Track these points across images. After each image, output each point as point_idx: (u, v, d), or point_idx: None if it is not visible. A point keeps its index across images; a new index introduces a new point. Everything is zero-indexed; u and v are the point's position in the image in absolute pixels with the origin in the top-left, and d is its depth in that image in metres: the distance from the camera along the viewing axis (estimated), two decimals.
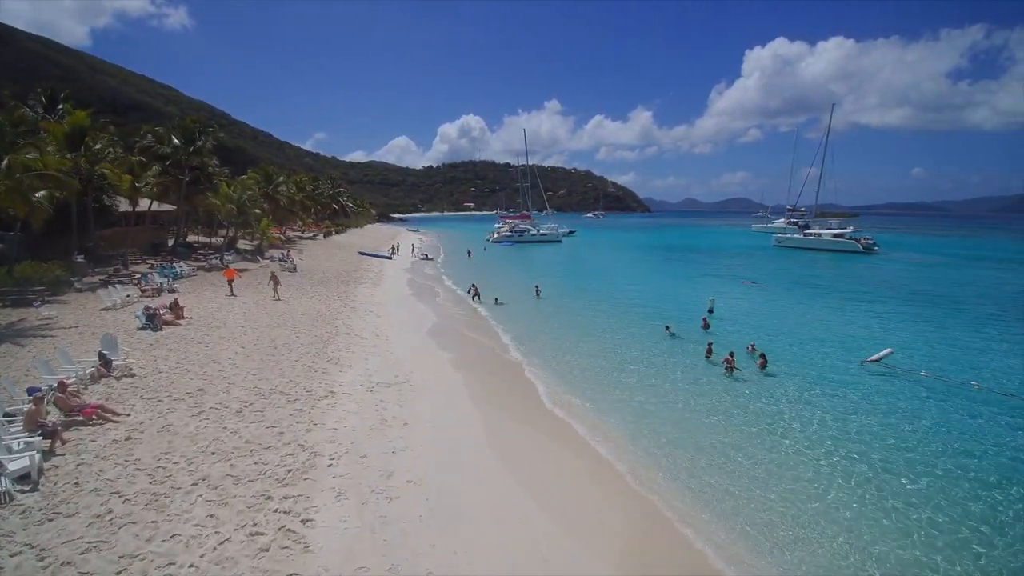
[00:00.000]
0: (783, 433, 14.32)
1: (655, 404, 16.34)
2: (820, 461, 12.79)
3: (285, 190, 58.45)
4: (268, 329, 20.85)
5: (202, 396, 13.65)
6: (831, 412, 15.84)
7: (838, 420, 15.28)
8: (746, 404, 16.41)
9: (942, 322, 28.51)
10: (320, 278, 36.97)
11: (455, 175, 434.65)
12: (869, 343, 23.82)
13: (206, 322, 21.34)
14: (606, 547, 9.15)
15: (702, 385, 18.14)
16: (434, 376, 17.65)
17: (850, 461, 12.79)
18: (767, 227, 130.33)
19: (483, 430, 13.62)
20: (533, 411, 15.53)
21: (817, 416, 15.46)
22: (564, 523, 9.63)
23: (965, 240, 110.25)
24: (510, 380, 18.33)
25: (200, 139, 40.84)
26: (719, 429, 14.57)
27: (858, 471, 12.26)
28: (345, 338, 20.86)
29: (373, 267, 47.63)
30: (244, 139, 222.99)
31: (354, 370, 16.96)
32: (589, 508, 10.38)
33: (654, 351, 22.18)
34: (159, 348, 17.51)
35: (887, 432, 14.49)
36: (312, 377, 15.74)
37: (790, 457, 12.99)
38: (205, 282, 30.53)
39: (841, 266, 58.53)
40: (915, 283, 43.62)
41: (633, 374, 19.18)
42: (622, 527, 9.83)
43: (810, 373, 19.64)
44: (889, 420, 15.35)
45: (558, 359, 21.01)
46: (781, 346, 23.15)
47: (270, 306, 25.47)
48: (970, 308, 32.48)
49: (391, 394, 15.27)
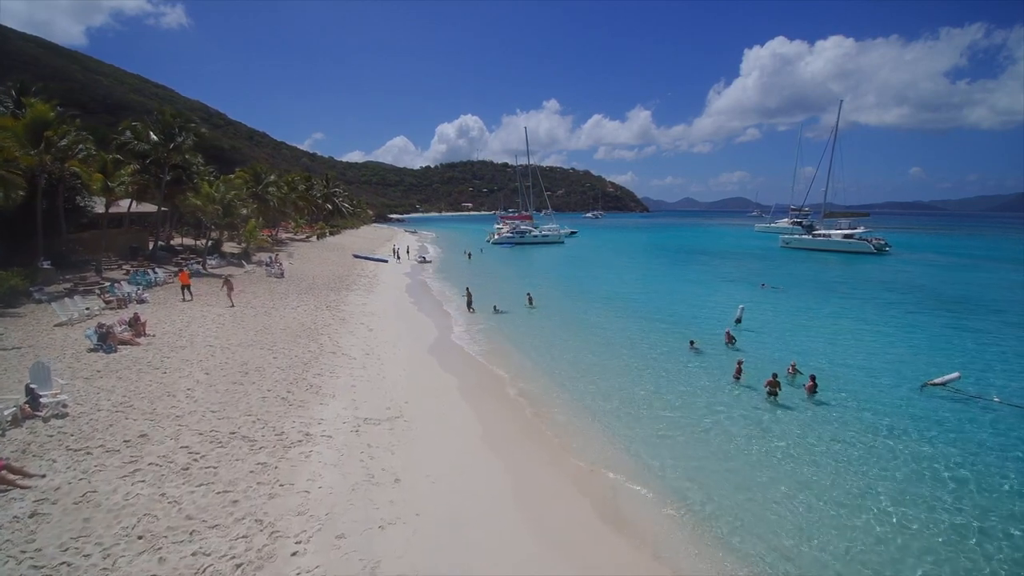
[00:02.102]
0: (862, 490, 11.65)
1: (702, 452, 13.64)
2: (917, 515, 10.20)
3: (275, 190, 55.61)
4: (240, 348, 18.12)
5: (143, 445, 10.95)
6: (907, 449, 13.29)
7: (919, 459, 12.72)
8: (803, 443, 13.75)
9: (993, 334, 25.88)
10: (308, 285, 34.24)
11: (453, 175, 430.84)
12: (921, 361, 21.32)
13: (170, 340, 18.61)
14: None
15: (746, 418, 15.46)
16: (436, 407, 15.00)
17: (948, 512, 10.25)
18: (770, 227, 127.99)
19: (506, 487, 10.96)
20: (563, 459, 12.86)
21: (895, 456, 12.87)
22: None
23: (973, 240, 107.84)
24: (529, 415, 15.64)
25: (181, 135, 38.01)
26: (782, 479, 11.93)
27: (956, 526, 9.67)
28: (330, 358, 18.18)
29: (368, 271, 44.92)
30: (240, 139, 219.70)
31: (337, 401, 14.28)
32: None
33: (682, 374, 19.46)
34: (107, 376, 14.79)
35: (981, 477, 11.91)
36: (285, 413, 13.05)
37: (882, 520, 10.36)
38: (211, 294, 27.78)
39: (857, 268, 55.99)
40: (943, 287, 41.00)
41: (665, 405, 16.49)
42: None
43: (866, 399, 17.01)
44: (979, 461, 12.77)
45: (577, 385, 18.31)
46: (823, 365, 20.49)
47: (248, 319, 22.75)
48: (1014, 316, 29.90)
49: (381, 435, 12.60)
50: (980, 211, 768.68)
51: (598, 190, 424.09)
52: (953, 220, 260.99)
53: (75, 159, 30.77)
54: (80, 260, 33.78)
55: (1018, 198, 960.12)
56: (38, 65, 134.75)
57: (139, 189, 38.57)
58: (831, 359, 21.54)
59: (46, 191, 30.95)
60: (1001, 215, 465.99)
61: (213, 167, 47.17)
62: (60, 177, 30.98)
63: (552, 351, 22.27)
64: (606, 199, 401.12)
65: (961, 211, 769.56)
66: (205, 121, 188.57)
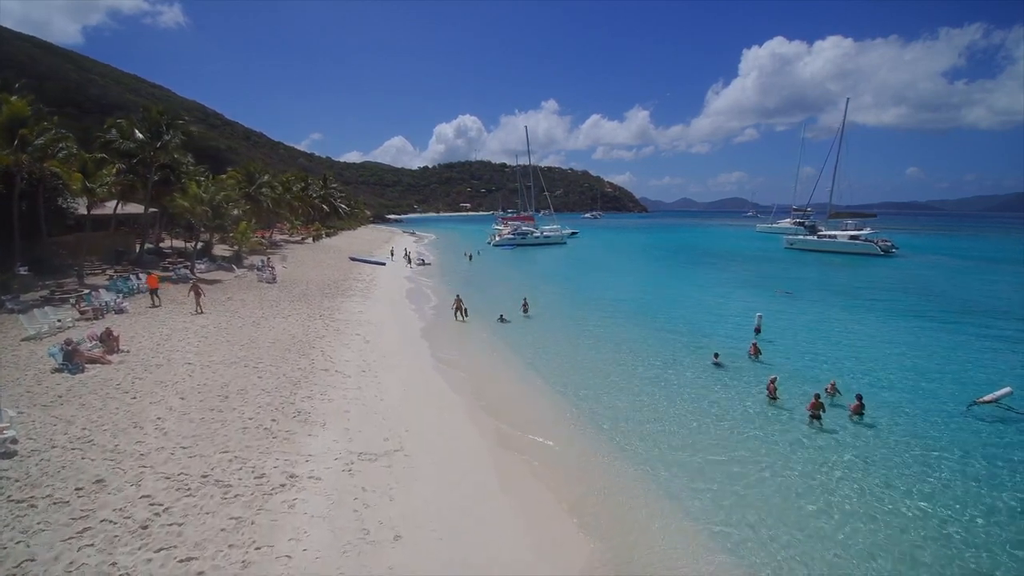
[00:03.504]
0: (934, 533, 10.05)
1: (755, 495, 11.99)
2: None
3: (269, 191, 53.83)
4: (222, 367, 16.42)
5: (98, 494, 9.28)
6: (978, 480, 11.71)
7: (995, 488, 11.11)
8: (866, 479, 12.11)
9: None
10: (302, 291, 32.52)
11: (451, 175, 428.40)
12: (962, 374, 19.84)
13: (145, 357, 16.90)
14: None
15: (789, 445, 13.83)
16: (440, 436, 13.35)
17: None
18: (772, 228, 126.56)
19: (529, 542, 9.34)
20: (590, 504, 11.21)
21: (969, 490, 11.25)
22: None
23: (978, 241, 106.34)
24: (549, 447, 13.97)
25: (168, 133, 36.25)
26: (856, 524, 10.30)
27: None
28: (322, 376, 16.50)
29: (364, 275, 43.21)
30: (237, 139, 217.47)
31: (329, 431, 12.61)
32: None
33: (711, 395, 17.75)
34: (68, 403, 13.09)
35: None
36: (268, 448, 11.37)
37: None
38: (166, 298, 26.05)
39: (867, 271, 54.44)
40: (963, 292, 39.37)
41: (699, 435, 14.86)
42: None
43: (916, 421, 15.50)
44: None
45: (598, 409, 16.68)
46: (858, 381, 18.95)
47: (234, 331, 21.04)
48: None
49: (378, 474, 10.94)
50: (978, 211, 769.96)
51: (597, 190, 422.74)
52: (953, 220, 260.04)
53: (54, 159, 29.07)
54: (63, 265, 32.08)
55: (1016, 198, 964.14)
56: (33, 64, 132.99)
57: (125, 190, 36.84)
58: (865, 374, 19.94)
59: (25, 192, 29.30)
60: (1000, 215, 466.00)
61: (205, 166, 45.33)
62: (40, 178, 29.29)
63: (565, 366, 20.62)
64: (604, 199, 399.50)
65: (959, 211, 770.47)
66: (201, 121, 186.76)
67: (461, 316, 28.19)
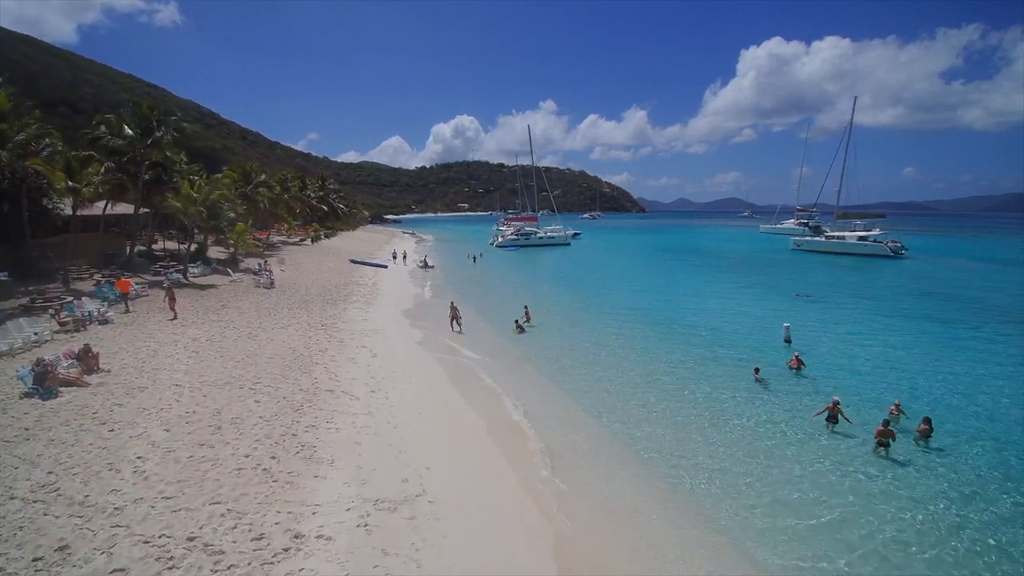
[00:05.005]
0: None
1: (828, 541, 10.31)
2: None
3: (266, 190, 51.93)
4: (215, 388, 14.60)
5: (60, 567, 7.48)
6: None
7: None
8: (950, 516, 10.44)
9: None
10: (302, 296, 30.70)
11: (449, 175, 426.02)
12: (1015, 387, 18.26)
13: (129, 377, 15.07)
14: None
15: (868, 480, 12.13)
16: (467, 473, 11.59)
17: None
18: (777, 228, 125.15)
19: None
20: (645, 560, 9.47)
21: None
22: None
23: (983, 242, 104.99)
24: (593, 484, 12.23)
25: (160, 130, 34.35)
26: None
27: None
28: (327, 399, 14.70)
29: (366, 279, 41.38)
30: (233, 139, 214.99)
31: (338, 471, 10.83)
32: None
33: (762, 420, 15.98)
34: (35, 437, 11.26)
35: None
36: (268, 497, 9.57)
37: None
38: (155, 306, 24.23)
39: (880, 273, 52.88)
40: (990, 296, 37.65)
41: (761, 474, 13.14)
42: None
43: (989, 443, 14.02)
44: None
45: (638, 433, 15.00)
46: (911, 395, 17.37)
47: (228, 344, 19.20)
48: None
49: (400, 529, 9.16)
50: (974, 211, 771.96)
51: (595, 190, 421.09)
52: (953, 221, 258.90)
53: (37, 156, 27.23)
54: (48, 269, 30.23)
55: (1012, 198, 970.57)
56: (25, 63, 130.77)
57: (114, 189, 34.95)
58: (912, 388, 18.37)
59: (6, 192, 27.50)
60: (997, 215, 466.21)
61: (199, 165, 43.38)
62: (23, 177, 27.46)
63: (598, 388, 18.90)
64: (603, 199, 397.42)
65: (955, 211, 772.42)
66: (197, 120, 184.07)
67: (457, 326, 26.01)
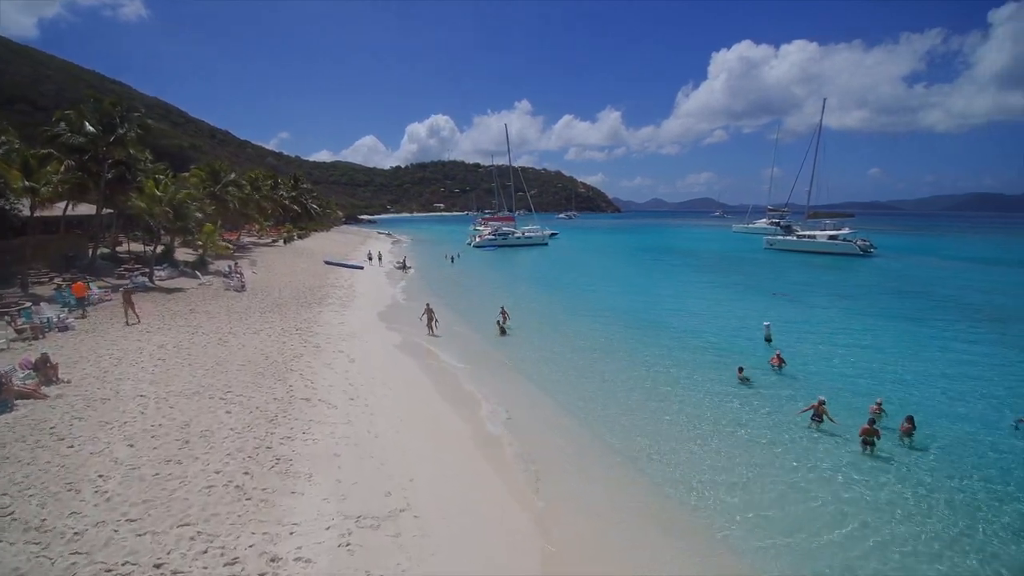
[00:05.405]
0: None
1: (831, 547, 10.16)
2: None
3: (236, 190, 50.40)
4: (183, 399, 13.80)
5: None
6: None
7: None
8: (936, 513, 10.40)
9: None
10: (275, 299, 29.73)
11: (424, 175, 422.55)
12: (988, 383, 18.83)
13: (90, 389, 14.15)
14: None
15: (854, 479, 12.07)
16: (454, 483, 11.12)
17: None
18: (749, 228, 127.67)
19: None
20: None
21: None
22: None
23: (946, 240, 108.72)
24: (590, 491, 11.88)
25: (123, 126, 32.92)
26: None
27: None
28: (302, 408, 14.04)
29: (342, 281, 40.44)
30: (202, 138, 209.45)
31: (316, 486, 10.24)
32: None
33: (750, 420, 15.86)
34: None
35: None
36: (242, 516, 8.94)
37: None
38: (118, 312, 23.04)
39: (852, 271, 54.14)
40: (961, 295, 38.70)
41: (761, 479, 12.96)
42: None
43: (966, 441, 14.33)
44: None
45: (633, 438, 14.75)
46: (896, 395, 17.53)
47: (196, 351, 18.31)
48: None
49: (384, 548, 8.65)
50: (935, 211, 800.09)
51: (570, 190, 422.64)
52: (918, 220, 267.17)
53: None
54: (6, 273, 28.66)
55: (971, 198, 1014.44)
56: None
57: (75, 189, 33.36)
58: (896, 387, 18.56)
59: None
60: (958, 214, 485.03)
61: (165, 164, 41.77)
62: None
63: (575, 384, 18.64)
64: (578, 200, 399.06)
65: (918, 211, 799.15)
66: (164, 118, 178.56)
67: (434, 328, 25.39)
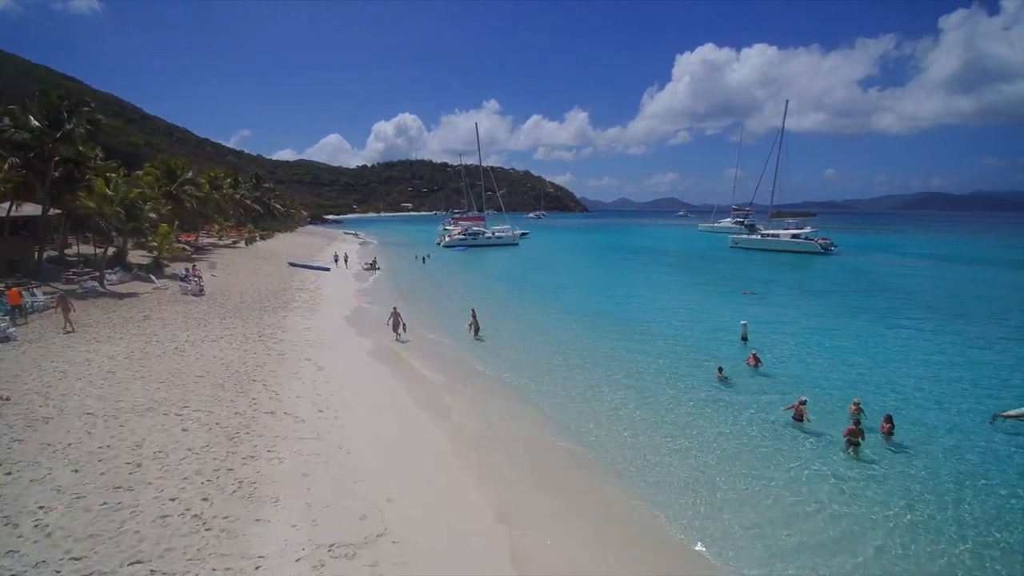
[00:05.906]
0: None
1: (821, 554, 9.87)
2: None
3: (193, 189, 48.22)
4: (135, 416, 12.68)
5: None
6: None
7: None
8: (931, 515, 10.27)
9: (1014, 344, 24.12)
10: (236, 304, 28.33)
11: (391, 175, 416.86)
12: (960, 379, 19.11)
13: (31, 406, 12.87)
14: None
15: (841, 479, 11.88)
16: (434, 503, 10.43)
17: None
18: (715, 227, 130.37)
19: None
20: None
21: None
22: None
23: (900, 238, 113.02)
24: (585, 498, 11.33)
25: (70, 122, 30.91)
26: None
27: None
28: (267, 423, 13.10)
29: (308, 283, 39.05)
30: (158, 135, 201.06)
31: (284, 511, 9.41)
32: None
33: (733, 422, 15.63)
34: None
35: None
36: (201, 551, 8.04)
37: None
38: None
39: (816, 269, 55.46)
40: (921, 291, 39.91)
41: (754, 485, 12.65)
42: None
43: (945, 438, 14.59)
44: None
45: (623, 441, 14.29)
46: (873, 393, 17.65)
47: (150, 362, 17.07)
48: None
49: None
50: (887, 209, 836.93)
51: (539, 190, 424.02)
52: (872, 219, 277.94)
53: None
54: None
55: (920, 197, 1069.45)
56: None
57: (19, 188, 31.15)
58: (872, 384, 18.77)
59: None
60: (908, 212, 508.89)
61: (117, 162, 39.55)
62: None
63: (552, 387, 18.11)
64: (547, 199, 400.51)
65: (871, 210, 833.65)
66: (118, 115, 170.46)
67: (401, 332, 24.09)
